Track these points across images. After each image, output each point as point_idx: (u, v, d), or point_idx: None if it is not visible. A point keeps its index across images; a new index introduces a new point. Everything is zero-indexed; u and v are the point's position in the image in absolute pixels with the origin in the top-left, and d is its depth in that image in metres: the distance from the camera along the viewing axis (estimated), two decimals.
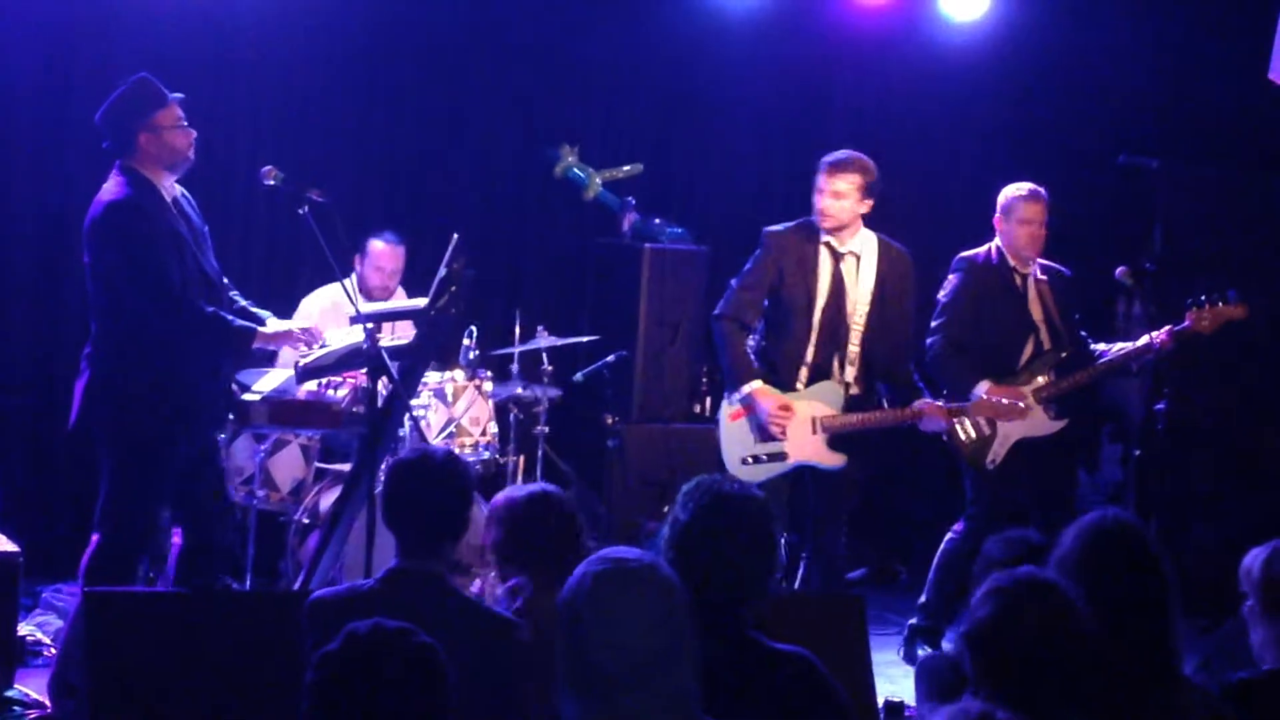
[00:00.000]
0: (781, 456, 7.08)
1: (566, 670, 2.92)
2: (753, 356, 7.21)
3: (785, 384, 7.12)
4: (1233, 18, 9.48)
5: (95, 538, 6.29)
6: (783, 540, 7.17)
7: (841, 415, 7.08)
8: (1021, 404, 7.35)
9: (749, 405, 7.07)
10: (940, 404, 7.13)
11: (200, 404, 6.43)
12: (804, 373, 7.13)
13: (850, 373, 7.13)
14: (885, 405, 7.25)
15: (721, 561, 3.65)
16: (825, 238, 7.13)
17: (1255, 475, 9.46)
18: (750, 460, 7.10)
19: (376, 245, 8.50)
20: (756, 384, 7.06)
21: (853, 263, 7.14)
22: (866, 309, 7.11)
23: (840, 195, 7.06)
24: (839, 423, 7.07)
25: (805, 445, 7.08)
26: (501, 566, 4.98)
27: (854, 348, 7.11)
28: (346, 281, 6.35)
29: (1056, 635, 3.29)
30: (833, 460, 7.10)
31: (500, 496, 4.98)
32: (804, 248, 7.14)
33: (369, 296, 8.32)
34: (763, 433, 7.07)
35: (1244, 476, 9.47)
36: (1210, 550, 8.67)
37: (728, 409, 7.20)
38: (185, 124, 6.41)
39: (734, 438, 7.17)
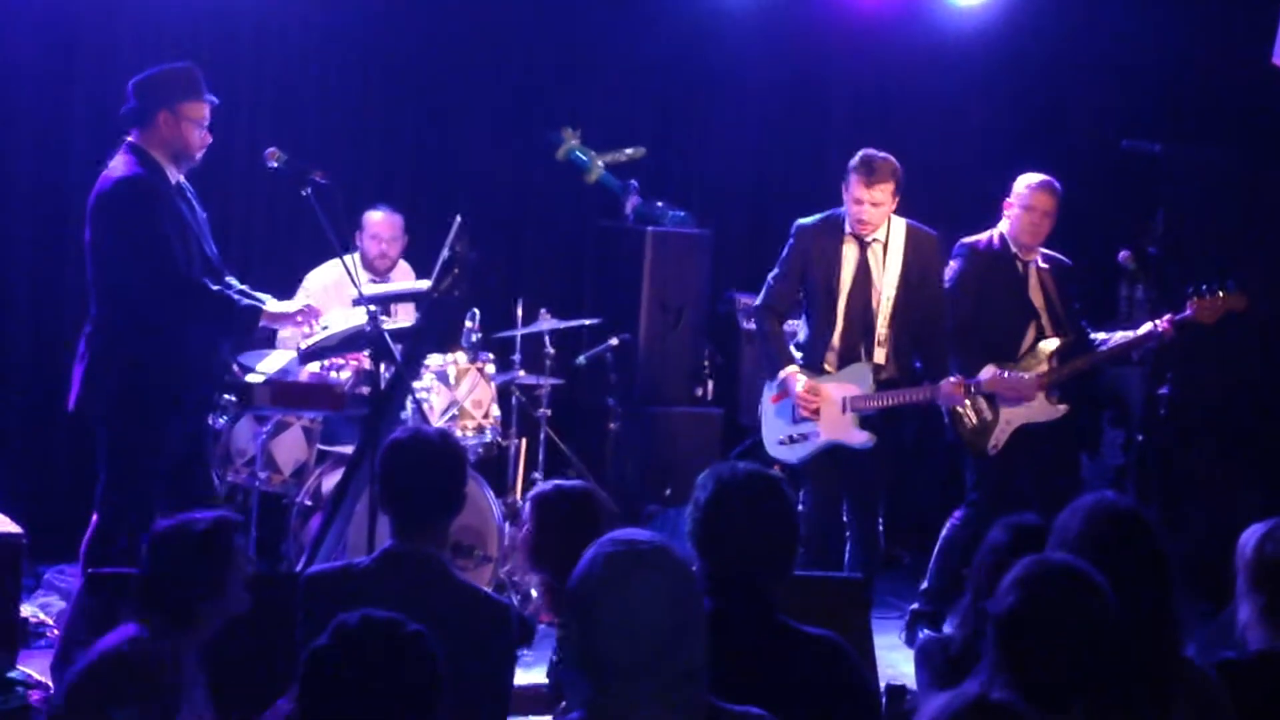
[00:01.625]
0: (814, 435, 7.31)
1: (576, 652, 2.93)
2: (796, 344, 7.48)
3: (815, 367, 7.33)
4: (1236, 2, 9.46)
5: (95, 519, 6.30)
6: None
7: (869, 395, 7.23)
8: (1032, 384, 7.43)
9: (784, 389, 7.31)
10: (958, 379, 7.24)
11: (196, 386, 6.44)
12: (831, 357, 7.31)
13: (880, 354, 7.27)
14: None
15: (743, 541, 3.69)
16: (850, 230, 7.28)
17: (1257, 460, 9.45)
18: (786, 440, 7.38)
19: (373, 216, 8.51)
20: (791, 368, 7.31)
21: (879, 250, 7.30)
22: (894, 293, 7.24)
23: (879, 204, 7.21)
24: (866, 402, 7.23)
25: (835, 424, 7.26)
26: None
27: (883, 330, 7.26)
28: (348, 258, 6.35)
29: (1083, 624, 3.30)
30: (860, 439, 7.25)
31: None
32: (830, 240, 7.32)
33: (369, 268, 8.33)
34: (797, 414, 7.30)
35: (1246, 462, 9.45)
36: (1212, 535, 8.65)
37: (768, 393, 7.47)
38: (206, 126, 6.42)
39: (772, 420, 7.45)
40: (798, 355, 7.42)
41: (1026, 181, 7.60)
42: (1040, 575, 3.36)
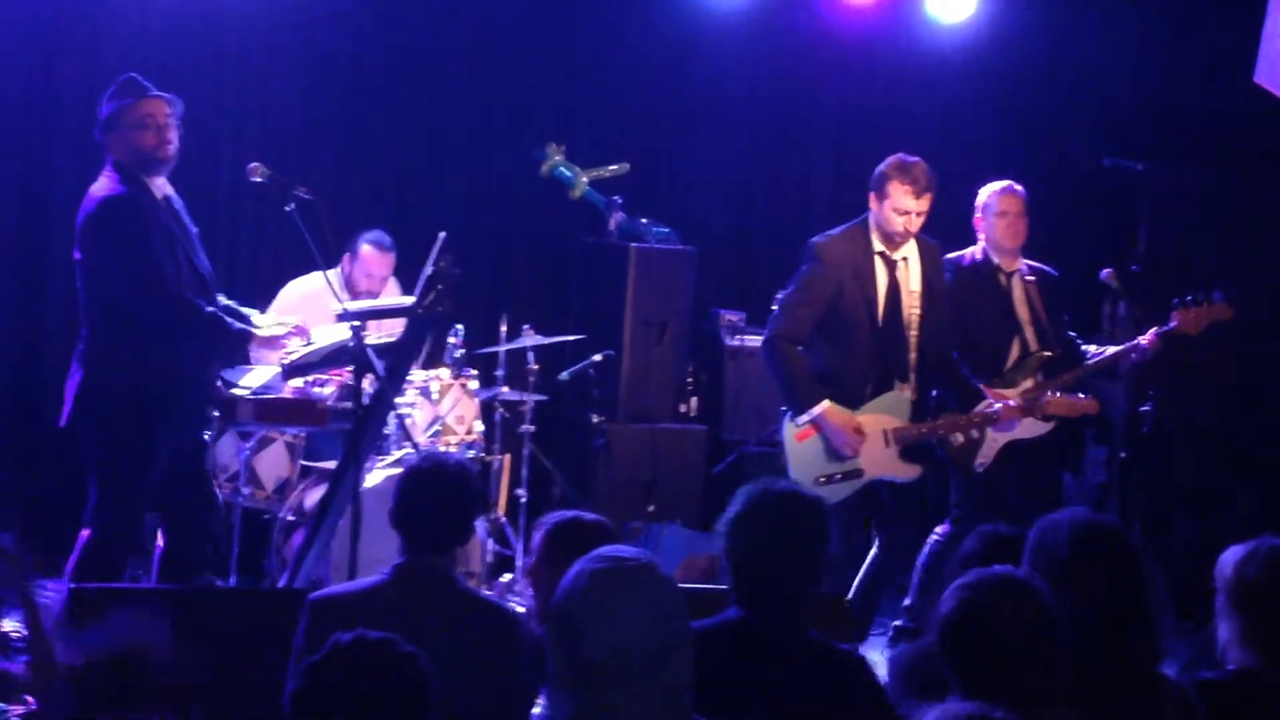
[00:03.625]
0: (857, 474, 6.88)
1: (560, 668, 2.93)
2: (819, 373, 6.98)
3: (854, 398, 6.90)
4: (1218, 20, 9.50)
5: (84, 534, 6.29)
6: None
7: (912, 425, 6.90)
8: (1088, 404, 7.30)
9: (818, 425, 6.83)
10: (1016, 403, 7.01)
11: (188, 402, 6.43)
12: (870, 386, 6.91)
13: (912, 379, 6.95)
14: (943, 408, 7.11)
15: (776, 556, 3.78)
16: (879, 246, 6.94)
17: (1239, 477, 9.48)
18: (824, 480, 6.85)
19: (365, 249, 8.38)
20: (826, 404, 6.80)
21: (904, 267, 6.97)
22: (919, 313, 6.95)
23: (923, 214, 6.90)
24: (912, 433, 6.90)
25: (880, 459, 6.88)
26: None
27: (912, 354, 6.94)
28: (331, 272, 6.34)
29: (1020, 630, 3.31)
30: (908, 472, 6.93)
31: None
32: (859, 258, 6.91)
33: (355, 297, 8.29)
34: (835, 451, 6.85)
35: (1228, 478, 9.48)
36: (1194, 552, 8.68)
37: (793, 429, 6.92)
38: (156, 126, 6.34)
39: (805, 458, 6.91)
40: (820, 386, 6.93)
41: (991, 190, 7.57)
42: (970, 584, 3.40)
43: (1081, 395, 7.29)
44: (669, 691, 2.92)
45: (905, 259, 6.99)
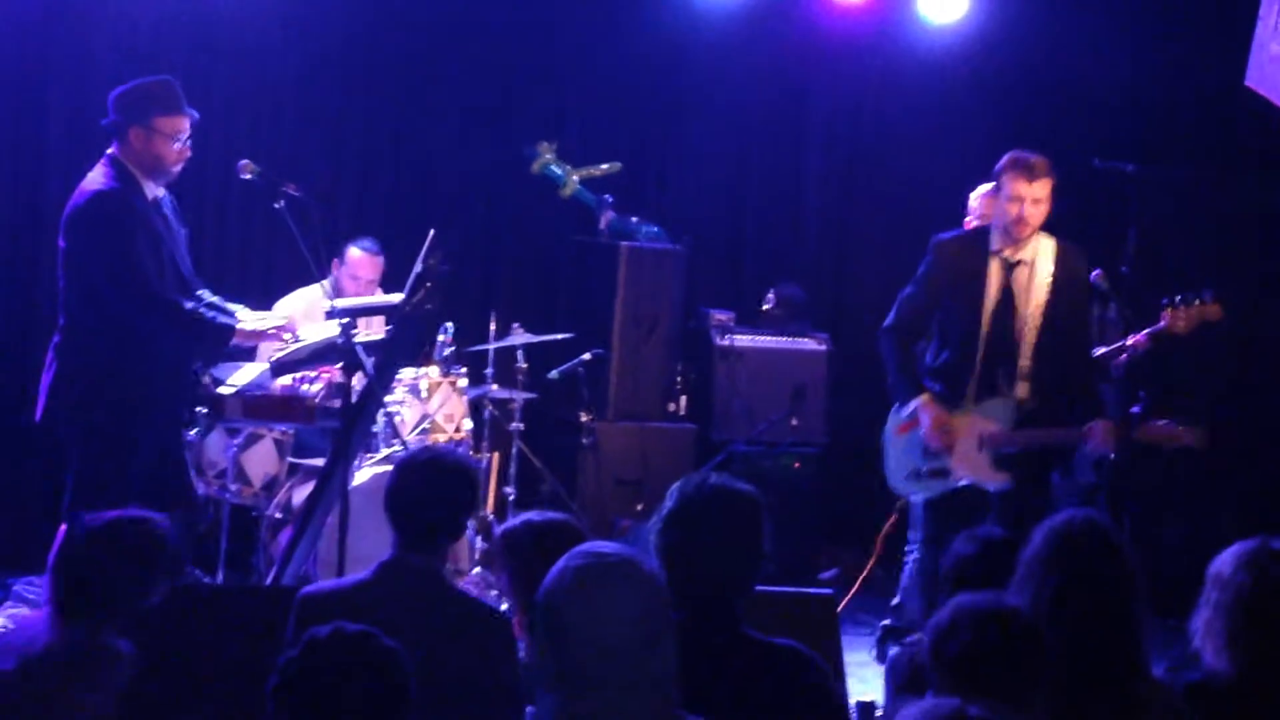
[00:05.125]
0: (946, 473, 6.81)
1: (545, 664, 2.93)
2: (929, 370, 6.96)
3: (955, 398, 6.82)
4: (1209, 23, 9.50)
5: (63, 529, 6.27)
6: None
7: (1006, 433, 6.74)
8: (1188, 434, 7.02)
9: (915, 419, 6.81)
10: (1111, 425, 6.74)
11: (166, 397, 6.42)
12: (972, 387, 6.80)
13: (1022, 388, 6.76)
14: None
15: (707, 554, 3.67)
16: (995, 248, 6.80)
17: (1229, 478, 9.49)
18: (913, 475, 6.89)
19: (354, 253, 8.39)
20: (924, 397, 6.79)
21: (1025, 272, 6.79)
22: (1039, 321, 6.77)
23: (1040, 201, 6.73)
24: (1003, 440, 6.74)
25: (970, 462, 6.76)
26: None
27: (1025, 361, 6.75)
28: (325, 283, 6.34)
29: (1003, 646, 3.40)
30: (996, 479, 6.74)
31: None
32: (972, 259, 6.81)
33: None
34: (928, 447, 6.81)
35: (1217, 479, 9.49)
36: (1183, 552, 8.68)
37: (895, 422, 6.95)
38: (183, 141, 6.39)
39: (900, 452, 6.94)
40: (930, 384, 6.89)
41: (983, 192, 7.62)
42: (965, 607, 3.48)
43: (1182, 425, 6.99)
44: (654, 686, 2.92)
45: (1028, 262, 6.80)
